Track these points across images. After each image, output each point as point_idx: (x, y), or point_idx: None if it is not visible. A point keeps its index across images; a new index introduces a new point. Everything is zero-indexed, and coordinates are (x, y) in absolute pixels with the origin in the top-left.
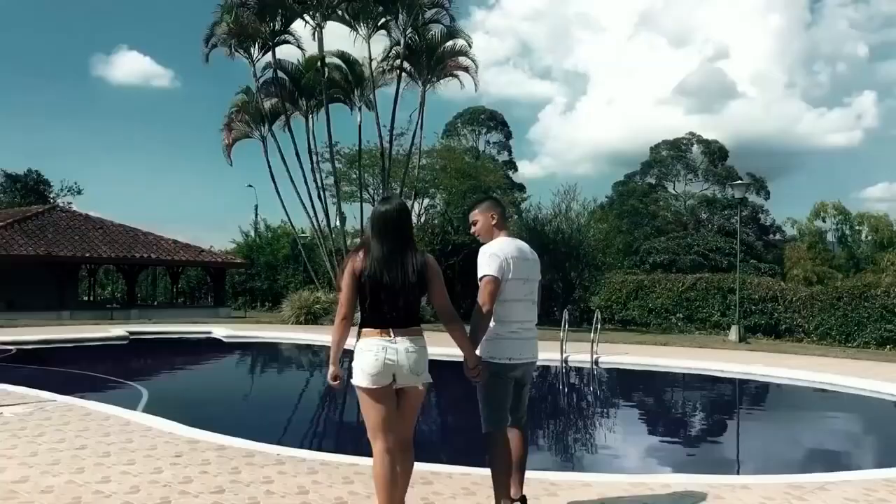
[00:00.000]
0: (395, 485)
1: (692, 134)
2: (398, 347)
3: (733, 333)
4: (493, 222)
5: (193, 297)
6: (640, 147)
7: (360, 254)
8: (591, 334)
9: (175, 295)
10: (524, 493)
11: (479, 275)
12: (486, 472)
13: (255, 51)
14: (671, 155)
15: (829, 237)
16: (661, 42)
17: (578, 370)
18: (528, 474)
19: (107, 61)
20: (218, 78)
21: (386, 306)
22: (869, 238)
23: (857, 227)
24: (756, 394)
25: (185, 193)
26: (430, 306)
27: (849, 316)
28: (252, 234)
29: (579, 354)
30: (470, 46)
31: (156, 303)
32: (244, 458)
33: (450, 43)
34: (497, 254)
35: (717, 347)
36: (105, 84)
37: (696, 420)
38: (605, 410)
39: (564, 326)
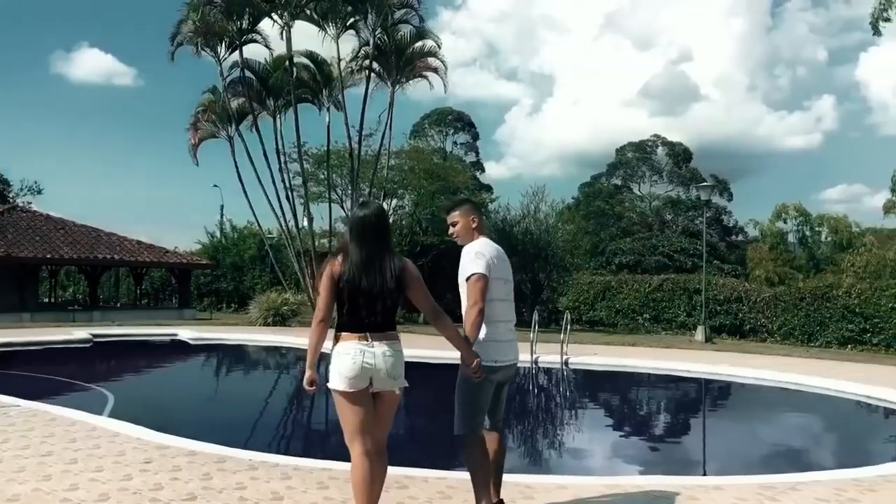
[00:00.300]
0: (374, 487)
1: (657, 136)
2: (375, 351)
3: (699, 334)
4: (474, 226)
5: (157, 298)
6: (605, 148)
7: (339, 258)
8: (561, 335)
9: (138, 296)
10: (501, 496)
11: (467, 274)
12: (462, 475)
13: (221, 50)
14: (636, 156)
15: (791, 238)
16: (625, 44)
17: (549, 371)
18: (504, 477)
19: (67, 59)
20: (182, 76)
21: (364, 311)
22: (829, 239)
23: (817, 229)
24: (724, 394)
25: (149, 193)
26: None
27: (811, 316)
28: (218, 234)
29: (549, 355)
30: (439, 47)
31: (119, 304)
32: (215, 464)
33: (419, 44)
34: (483, 252)
35: (684, 348)
36: (65, 82)
37: (668, 421)
38: (578, 412)
39: (534, 327)
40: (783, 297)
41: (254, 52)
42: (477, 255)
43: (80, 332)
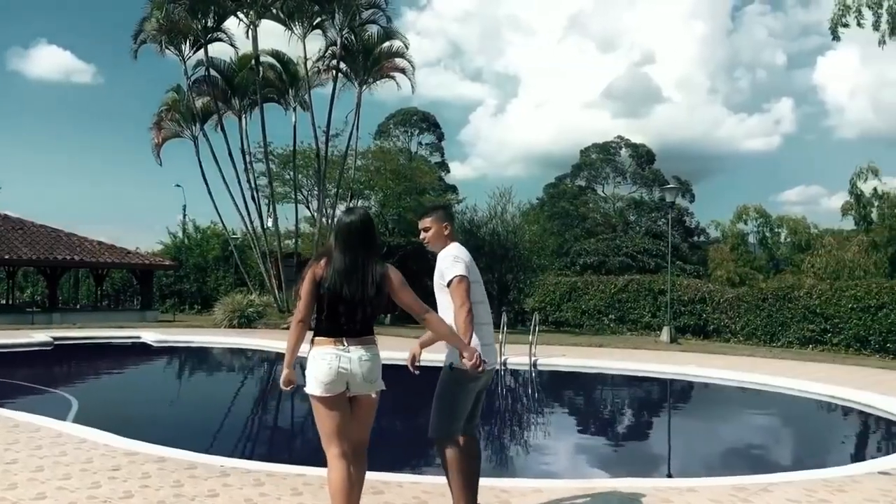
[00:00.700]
0: (352, 492)
1: (620, 138)
2: (351, 356)
3: (665, 334)
4: (446, 233)
5: (118, 299)
6: (569, 149)
7: (322, 262)
8: (530, 336)
9: (99, 298)
10: (479, 501)
11: (449, 277)
12: (437, 479)
13: (186, 48)
14: (600, 158)
15: (751, 239)
16: (589, 46)
17: (518, 373)
18: (480, 482)
19: (24, 55)
20: (142, 74)
21: (343, 318)
22: (788, 240)
23: (776, 230)
24: (692, 395)
25: (109, 193)
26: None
27: (773, 316)
28: (180, 234)
29: (517, 357)
30: (407, 48)
31: (78, 306)
32: (186, 471)
33: (386, 44)
34: (459, 256)
35: (650, 348)
36: (22, 79)
37: (639, 423)
38: (550, 415)
39: (503, 329)
40: (746, 298)
41: (218, 50)
42: (455, 259)
43: (40, 335)
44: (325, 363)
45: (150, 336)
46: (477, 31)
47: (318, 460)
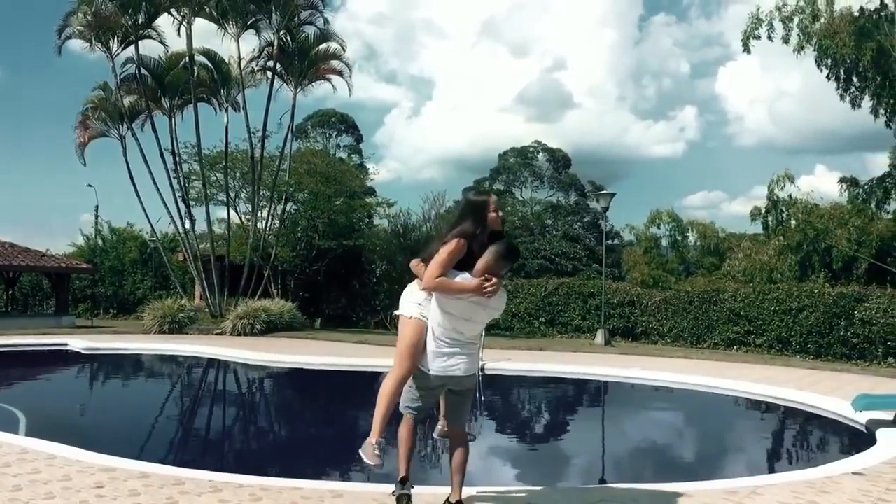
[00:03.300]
0: None
1: (538, 142)
2: None
3: (599, 337)
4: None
5: (27, 304)
6: (483, 153)
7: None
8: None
9: (8, 302)
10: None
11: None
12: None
13: (114, 45)
14: (518, 162)
15: (664, 243)
16: (502, 51)
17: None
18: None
19: None
20: (50, 69)
21: None
22: (697, 244)
23: (686, 234)
24: (643, 397)
25: (12, 193)
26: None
27: (699, 319)
28: (94, 236)
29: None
30: (344, 50)
31: None
32: (175, 487)
33: (323, 46)
34: None
35: (588, 351)
36: None
37: (615, 427)
38: (512, 420)
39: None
40: (673, 301)
41: (145, 48)
42: None
43: None
44: None
45: (78, 343)
46: (391, 34)
47: (312, 473)
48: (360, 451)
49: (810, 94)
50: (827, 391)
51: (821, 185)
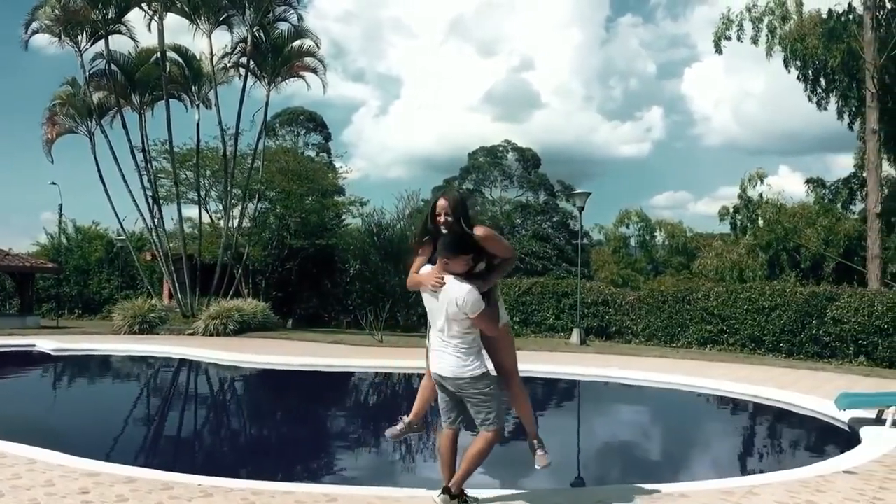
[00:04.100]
0: None
1: (507, 141)
2: None
3: (575, 336)
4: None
5: None
6: (450, 152)
7: None
8: None
9: None
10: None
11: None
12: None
13: (83, 40)
14: (488, 161)
15: (632, 242)
16: (470, 50)
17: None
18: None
19: None
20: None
21: None
22: (665, 243)
23: (654, 234)
24: (626, 397)
25: None
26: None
27: (673, 318)
28: (58, 235)
29: None
30: (318, 47)
31: None
32: (164, 491)
33: (297, 43)
34: None
35: (565, 351)
36: None
37: (594, 426)
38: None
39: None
40: (647, 300)
41: (115, 43)
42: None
43: None
44: None
45: (46, 344)
46: (359, 32)
47: (303, 476)
48: None
49: (775, 95)
50: (807, 390)
51: (785, 185)
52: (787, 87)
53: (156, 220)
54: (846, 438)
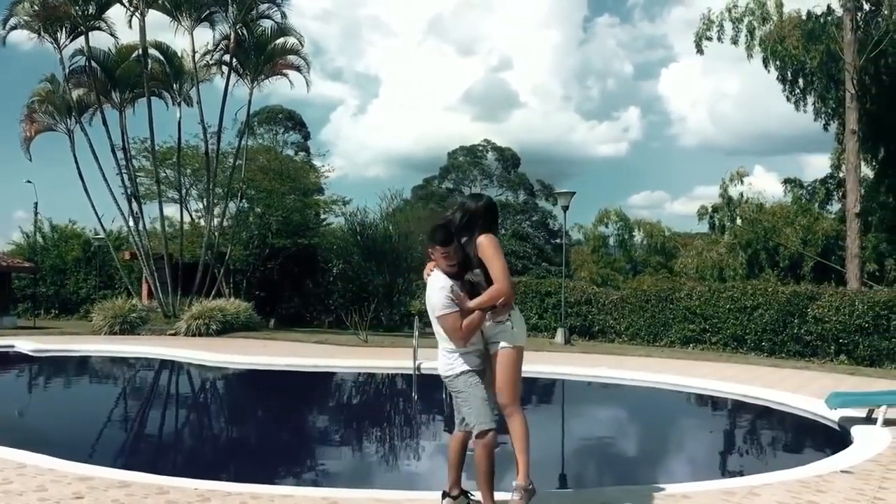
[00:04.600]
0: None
1: (487, 141)
2: None
3: (559, 336)
4: None
5: None
6: (429, 151)
7: None
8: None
9: None
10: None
11: None
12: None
13: (62, 36)
14: (468, 161)
15: (611, 241)
16: (449, 50)
17: (435, 378)
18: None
19: None
20: None
21: None
22: (644, 243)
23: (633, 233)
24: (616, 397)
25: None
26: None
27: (656, 317)
28: (34, 234)
29: (431, 362)
30: (302, 45)
31: None
32: (159, 496)
33: (280, 40)
34: None
35: (550, 350)
36: None
37: (588, 427)
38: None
39: (416, 334)
40: (630, 300)
41: (95, 40)
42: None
43: None
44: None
45: (25, 345)
46: (337, 31)
47: (301, 480)
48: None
49: (751, 96)
50: (794, 388)
51: (760, 185)
52: (762, 88)
53: (136, 218)
54: (838, 437)
